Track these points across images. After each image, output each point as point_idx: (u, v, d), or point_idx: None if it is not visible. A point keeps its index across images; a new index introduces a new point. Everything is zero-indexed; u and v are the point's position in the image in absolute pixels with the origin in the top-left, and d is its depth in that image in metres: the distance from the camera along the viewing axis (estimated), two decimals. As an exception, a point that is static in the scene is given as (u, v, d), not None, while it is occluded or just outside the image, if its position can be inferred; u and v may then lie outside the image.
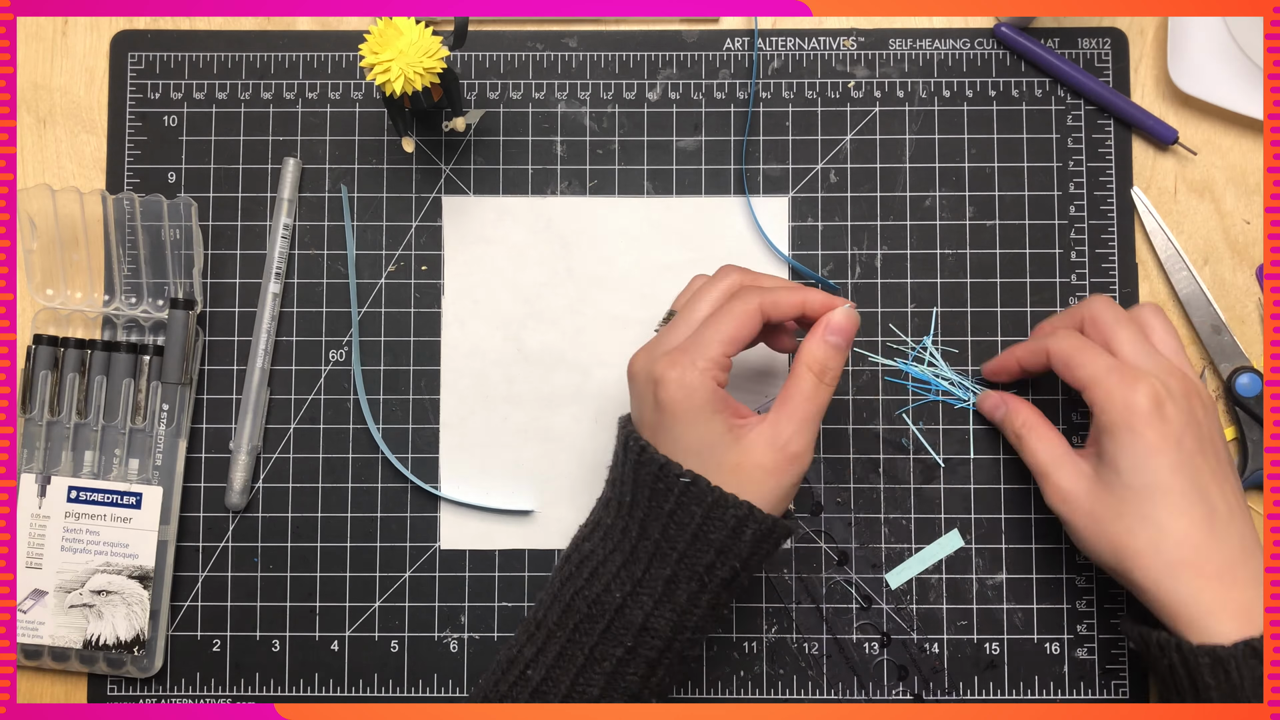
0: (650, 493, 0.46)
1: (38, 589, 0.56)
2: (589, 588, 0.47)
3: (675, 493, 0.45)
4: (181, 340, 0.56)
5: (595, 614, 0.46)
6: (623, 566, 0.46)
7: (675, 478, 0.45)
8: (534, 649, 0.47)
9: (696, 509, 0.45)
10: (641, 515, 0.46)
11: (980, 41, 0.59)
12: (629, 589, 0.46)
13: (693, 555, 0.45)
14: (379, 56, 0.50)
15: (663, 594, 0.46)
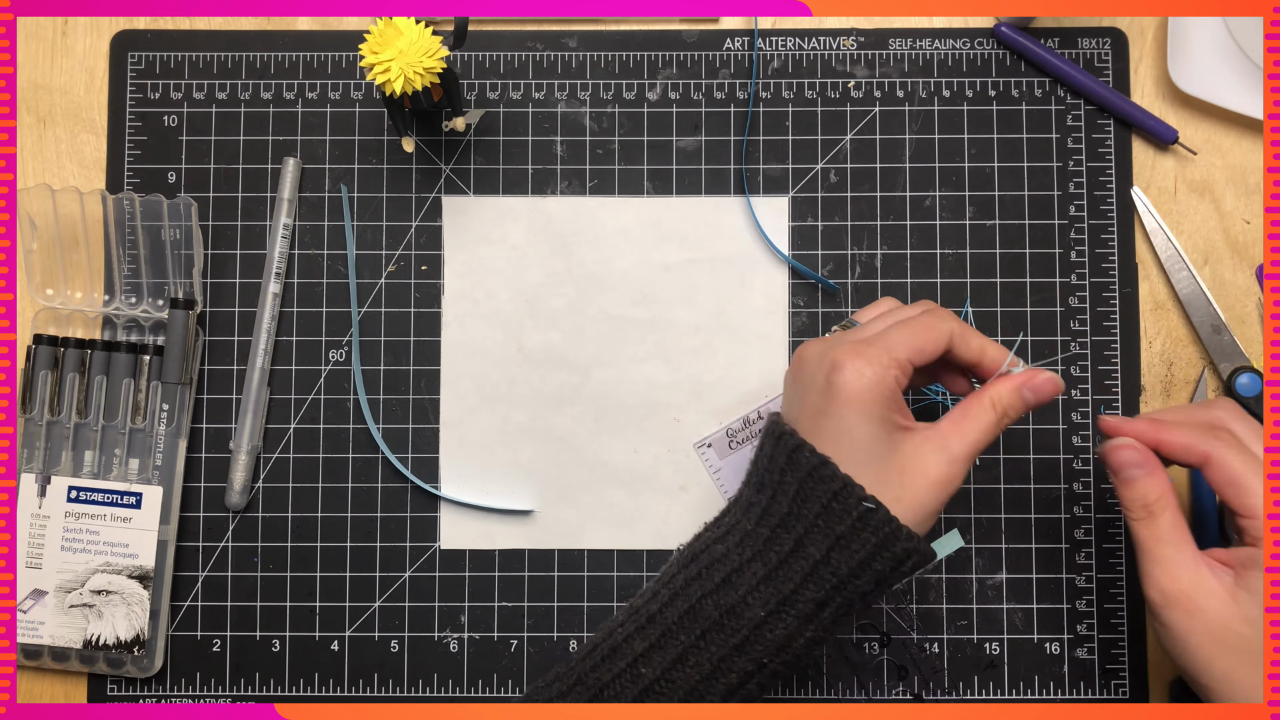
0: (820, 510, 0.43)
1: (38, 589, 0.56)
2: (722, 594, 0.44)
3: (853, 517, 0.43)
4: (181, 340, 0.56)
5: (729, 624, 0.44)
6: (765, 579, 0.44)
7: (857, 501, 0.43)
8: (645, 644, 0.45)
9: (872, 537, 0.43)
10: (801, 531, 0.44)
11: (980, 41, 0.59)
12: (773, 606, 0.44)
13: (852, 584, 0.43)
14: (379, 56, 0.50)
15: (810, 615, 0.44)
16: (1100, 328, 0.58)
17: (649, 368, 0.58)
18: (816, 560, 0.43)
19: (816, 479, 0.44)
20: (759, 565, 0.44)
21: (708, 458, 0.58)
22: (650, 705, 0.45)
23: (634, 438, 0.58)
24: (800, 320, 0.58)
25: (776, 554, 0.44)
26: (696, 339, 0.58)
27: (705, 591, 0.45)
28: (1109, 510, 0.57)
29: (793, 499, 0.44)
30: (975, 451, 0.45)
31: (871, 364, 0.44)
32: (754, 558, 0.44)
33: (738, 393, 0.58)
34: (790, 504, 0.44)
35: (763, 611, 0.44)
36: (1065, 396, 0.58)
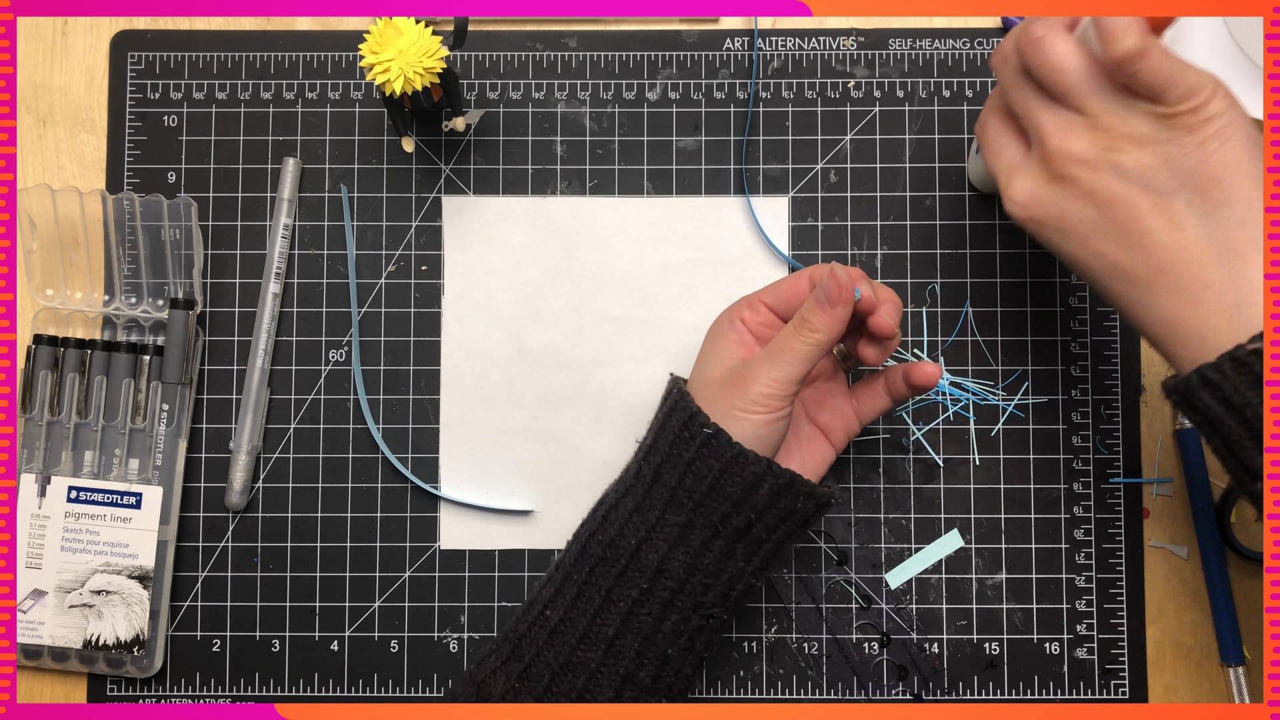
0: (674, 439, 0.47)
1: (38, 589, 0.56)
2: (603, 530, 0.48)
3: (696, 443, 0.46)
4: (181, 340, 0.56)
5: (610, 556, 0.48)
6: (635, 510, 0.48)
7: (700, 428, 0.46)
8: (552, 590, 0.49)
9: (715, 462, 0.46)
10: (659, 460, 0.47)
11: (980, 41, 0.59)
12: (643, 533, 0.47)
13: (709, 505, 0.46)
14: (379, 56, 0.50)
15: (678, 538, 0.47)
16: (1100, 328, 0.58)
17: (649, 368, 0.58)
18: (673, 486, 0.47)
19: (675, 411, 0.48)
20: (630, 499, 0.48)
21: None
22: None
23: (634, 437, 0.58)
24: (800, 320, 0.58)
25: (643, 485, 0.48)
26: (696, 339, 0.58)
27: (591, 530, 0.49)
28: (1109, 510, 0.57)
29: (657, 433, 0.49)
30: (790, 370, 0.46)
31: (729, 308, 0.51)
32: (626, 492, 0.49)
33: (738, 393, 0.58)
34: (655, 437, 0.49)
35: (634, 540, 0.47)
36: (1065, 397, 0.58)
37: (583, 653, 0.47)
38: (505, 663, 0.48)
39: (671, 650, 0.48)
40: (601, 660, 0.47)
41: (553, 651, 0.47)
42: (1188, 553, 0.57)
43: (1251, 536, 0.57)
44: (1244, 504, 0.58)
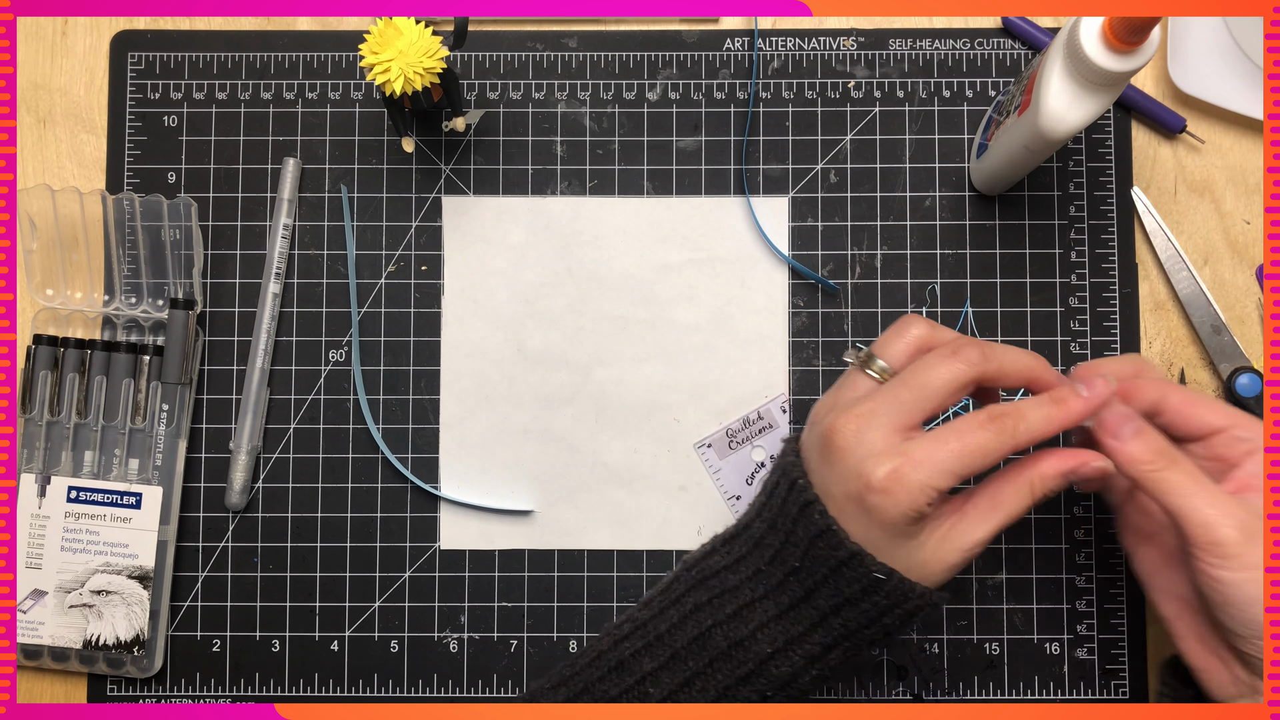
0: (829, 573, 0.43)
1: (38, 589, 0.56)
2: (732, 626, 0.45)
3: (864, 583, 0.43)
4: (181, 340, 0.56)
5: (737, 656, 0.44)
6: (775, 619, 0.44)
7: (867, 570, 0.43)
8: (654, 664, 0.45)
9: (883, 601, 0.43)
10: (812, 585, 0.44)
11: (980, 41, 0.59)
12: (780, 644, 0.44)
13: (861, 634, 0.44)
14: (379, 56, 0.50)
15: (817, 656, 0.44)
16: (1100, 328, 0.58)
17: (649, 368, 0.58)
18: (826, 611, 0.44)
19: (824, 544, 0.43)
20: (770, 604, 0.45)
21: (708, 458, 0.58)
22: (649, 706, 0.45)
23: (634, 438, 0.58)
24: (800, 320, 0.58)
25: (789, 598, 0.44)
26: (696, 339, 0.58)
27: (716, 621, 0.45)
28: (1109, 510, 0.57)
29: (804, 554, 0.44)
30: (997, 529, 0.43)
31: (909, 494, 0.42)
32: (765, 595, 0.45)
33: (738, 393, 0.58)
34: (801, 558, 0.44)
35: (770, 649, 0.44)
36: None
37: None
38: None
39: None
40: None
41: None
42: (1188, 553, 0.57)
43: (1251, 536, 0.57)
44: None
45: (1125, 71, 0.44)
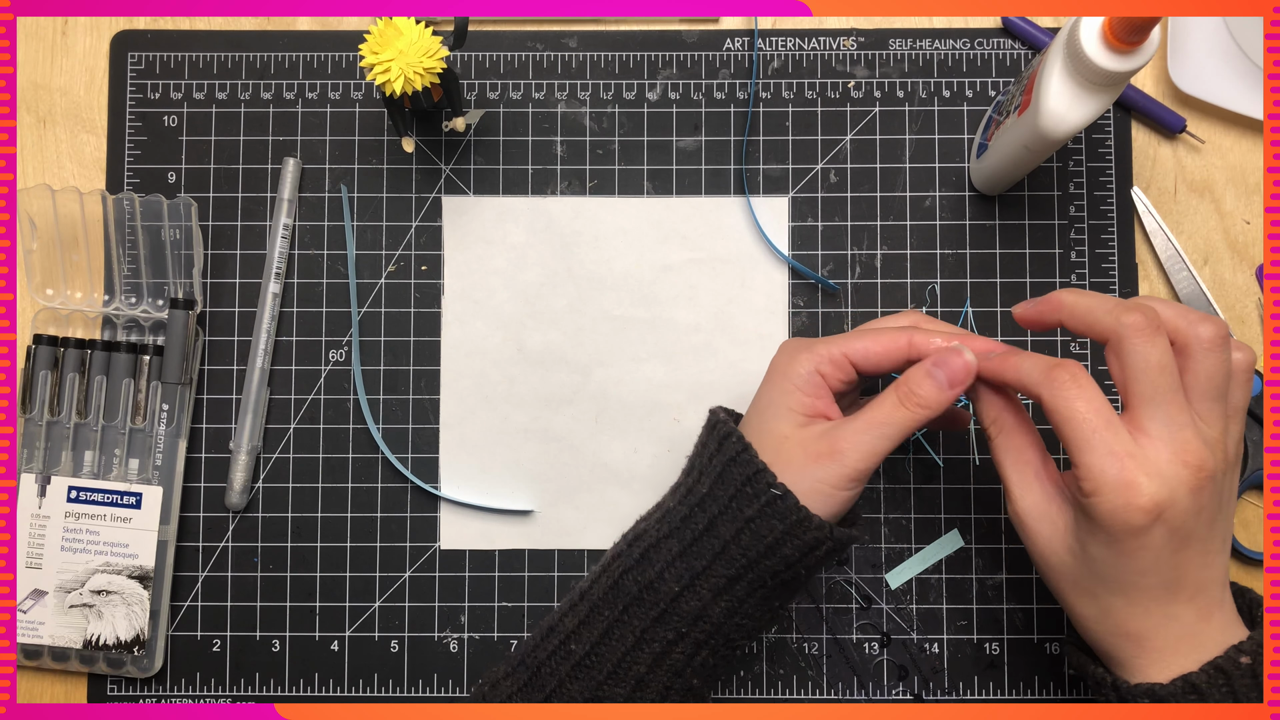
0: (735, 492, 0.45)
1: (38, 589, 0.56)
2: (640, 570, 0.46)
3: (760, 501, 0.44)
4: (181, 340, 0.56)
5: (648, 599, 0.46)
6: (680, 556, 0.46)
7: (765, 486, 0.44)
8: (575, 620, 0.47)
9: (779, 523, 0.44)
10: (715, 511, 0.45)
11: (980, 41, 0.59)
12: (687, 580, 0.45)
13: (762, 564, 0.45)
14: (379, 56, 0.50)
15: (723, 589, 0.45)
16: (1100, 328, 0.58)
17: (649, 368, 0.58)
18: (727, 540, 0.45)
19: (736, 464, 0.45)
20: (674, 542, 0.46)
21: (708, 458, 0.58)
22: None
23: (634, 438, 0.58)
24: (800, 320, 0.58)
25: (692, 532, 0.46)
26: (696, 339, 0.58)
27: (626, 567, 0.47)
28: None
29: (714, 481, 0.46)
30: (869, 431, 0.45)
31: (802, 350, 0.47)
32: (670, 534, 0.46)
33: (738, 393, 0.58)
34: (711, 485, 0.46)
35: (677, 586, 0.45)
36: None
37: (610, 688, 0.46)
38: (522, 689, 0.47)
39: (697, 680, 0.47)
40: (629, 695, 0.46)
41: (577, 685, 0.46)
42: (1188, 553, 0.57)
43: (1251, 537, 0.57)
44: (1244, 504, 0.58)
45: (1125, 71, 0.44)
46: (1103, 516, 0.41)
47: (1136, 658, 0.44)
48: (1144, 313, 0.42)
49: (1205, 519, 0.42)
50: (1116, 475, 0.41)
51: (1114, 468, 0.41)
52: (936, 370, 0.45)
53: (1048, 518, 0.44)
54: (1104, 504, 0.41)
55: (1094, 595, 0.44)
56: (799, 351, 0.47)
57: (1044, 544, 0.44)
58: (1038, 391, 0.43)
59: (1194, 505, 0.41)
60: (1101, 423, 0.41)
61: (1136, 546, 0.41)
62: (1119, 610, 0.43)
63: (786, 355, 0.48)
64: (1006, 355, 0.46)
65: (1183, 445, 0.41)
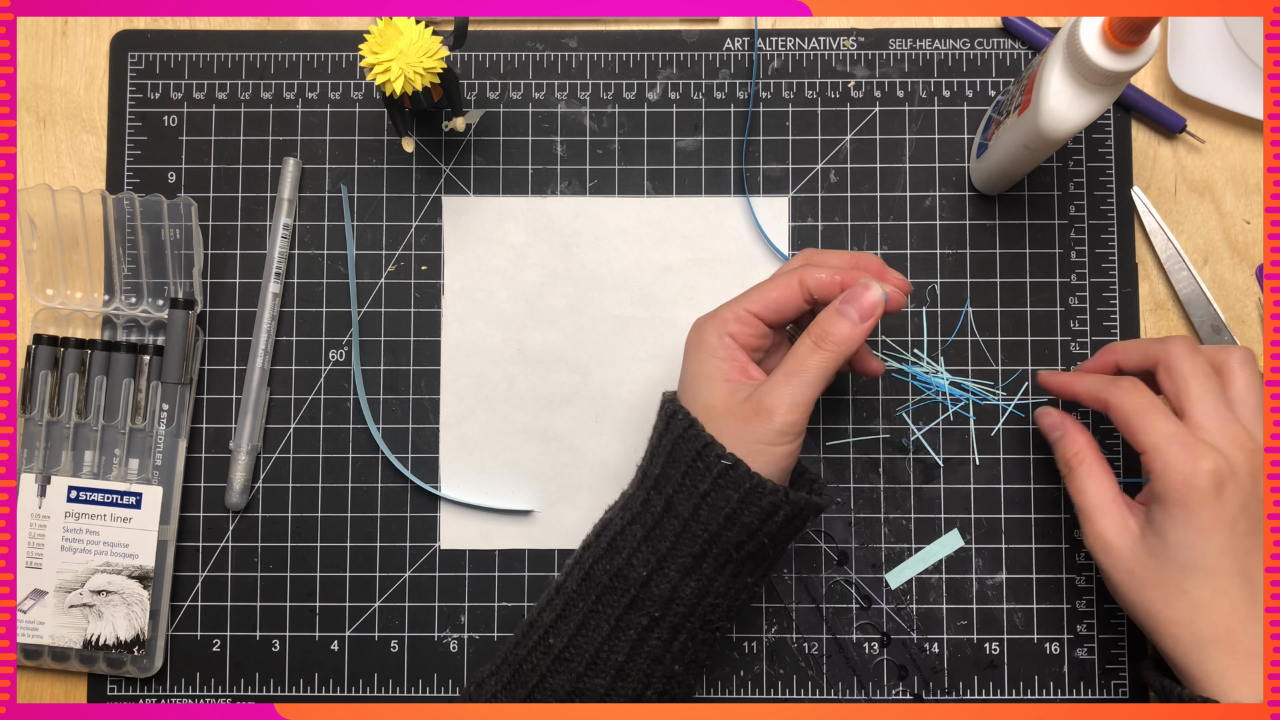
0: (686, 469, 0.46)
1: (38, 589, 0.56)
2: (608, 559, 0.47)
3: (713, 474, 0.45)
4: (181, 340, 0.56)
5: (619, 586, 0.46)
6: (644, 540, 0.46)
7: (716, 458, 0.45)
8: (553, 614, 0.48)
9: (733, 493, 0.45)
10: (670, 491, 0.46)
11: (980, 41, 0.59)
12: (654, 564, 0.46)
13: (724, 536, 0.45)
14: (379, 56, 0.50)
15: (690, 567, 0.46)
16: (1100, 328, 0.58)
17: (649, 368, 0.58)
18: (686, 518, 0.46)
19: (684, 440, 0.46)
20: (638, 527, 0.47)
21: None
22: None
23: (634, 438, 0.58)
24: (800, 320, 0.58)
25: (652, 515, 0.47)
26: (696, 339, 0.58)
27: (596, 557, 0.48)
28: (1109, 510, 0.57)
29: (665, 461, 0.47)
30: (791, 380, 0.46)
31: (713, 320, 0.48)
32: (633, 520, 0.47)
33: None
34: (663, 465, 0.47)
35: (645, 570, 0.46)
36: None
37: (590, 679, 0.46)
38: (506, 686, 0.48)
39: (678, 666, 0.47)
40: (610, 685, 0.46)
41: (558, 679, 0.47)
42: (1188, 553, 0.57)
43: (1252, 536, 0.57)
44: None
45: (1125, 71, 0.44)
46: (1173, 488, 0.45)
47: (1229, 668, 0.44)
48: (1184, 338, 0.49)
49: (1257, 515, 0.45)
50: (1180, 446, 0.45)
51: (1177, 441, 0.45)
52: (846, 307, 0.46)
53: (1125, 528, 0.47)
54: (1172, 473, 0.45)
55: (1182, 591, 0.45)
56: (707, 322, 0.48)
57: (1126, 554, 0.47)
58: (1104, 397, 0.48)
59: (1253, 485, 0.45)
60: (1162, 412, 0.46)
61: (1211, 519, 0.44)
62: (1207, 604, 0.45)
63: (696, 329, 0.49)
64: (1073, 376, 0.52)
65: (1235, 434, 0.46)
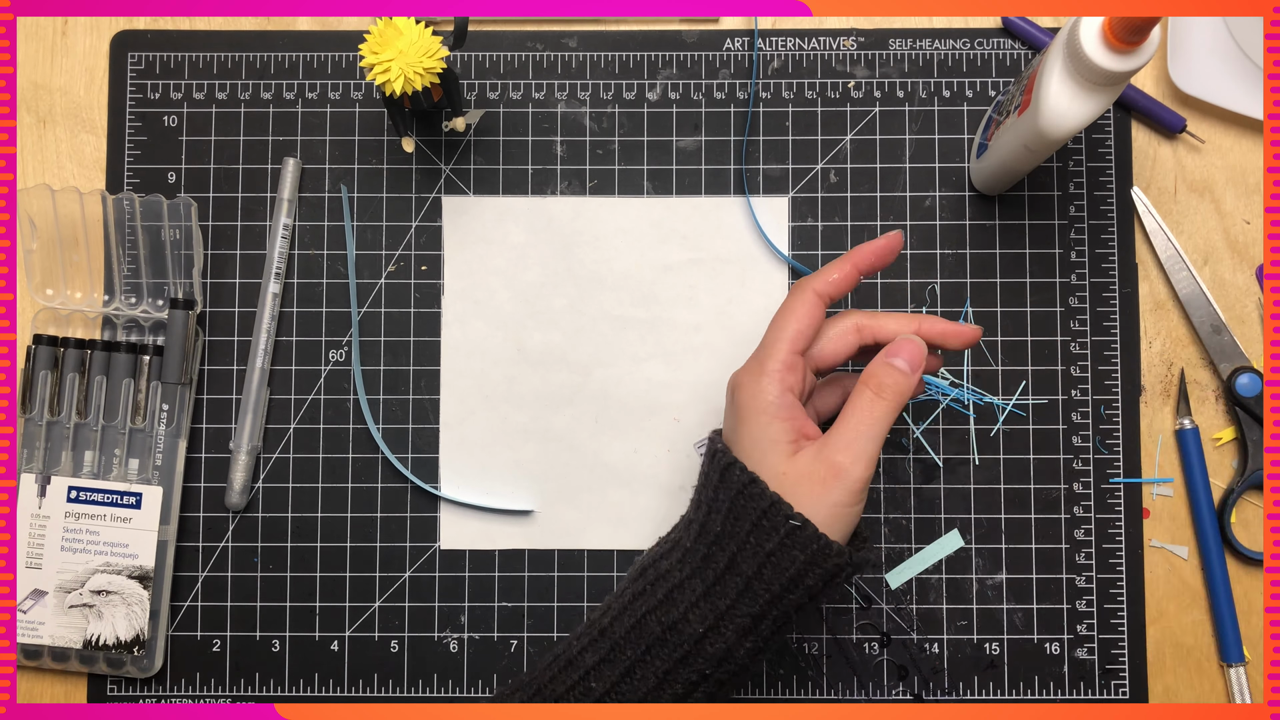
0: (751, 527, 0.44)
1: (38, 589, 0.56)
2: (664, 611, 0.46)
3: (780, 534, 0.44)
4: (181, 340, 0.56)
5: (671, 640, 0.45)
6: (704, 596, 0.45)
7: (784, 518, 0.44)
8: (596, 657, 0.46)
9: (800, 554, 0.44)
10: (734, 548, 0.45)
11: (980, 41, 0.59)
12: (711, 621, 0.45)
13: (786, 598, 0.45)
14: (379, 56, 0.50)
15: (749, 628, 0.45)
16: (1100, 328, 0.58)
17: (649, 368, 0.58)
18: (749, 577, 0.44)
19: (746, 497, 0.45)
20: (698, 582, 0.46)
21: (708, 458, 0.58)
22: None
23: (634, 438, 0.58)
24: (800, 320, 0.58)
25: (713, 571, 0.45)
26: (696, 339, 0.58)
27: (650, 607, 0.46)
28: (1109, 510, 0.57)
29: (725, 516, 0.45)
30: (860, 437, 0.45)
31: (758, 375, 0.47)
32: (693, 574, 0.46)
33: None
34: (724, 521, 0.45)
35: (701, 628, 0.45)
36: (1065, 397, 0.58)
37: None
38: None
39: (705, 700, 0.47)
40: None
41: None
42: (1188, 553, 0.57)
43: (1252, 537, 0.57)
44: (1244, 504, 0.58)
45: (1125, 71, 0.44)
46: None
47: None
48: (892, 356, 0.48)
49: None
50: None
51: None
52: (896, 359, 0.46)
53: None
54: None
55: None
56: (759, 378, 0.47)
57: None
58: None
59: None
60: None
61: None
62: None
63: (749, 388, 0.47)
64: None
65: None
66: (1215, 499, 0.57)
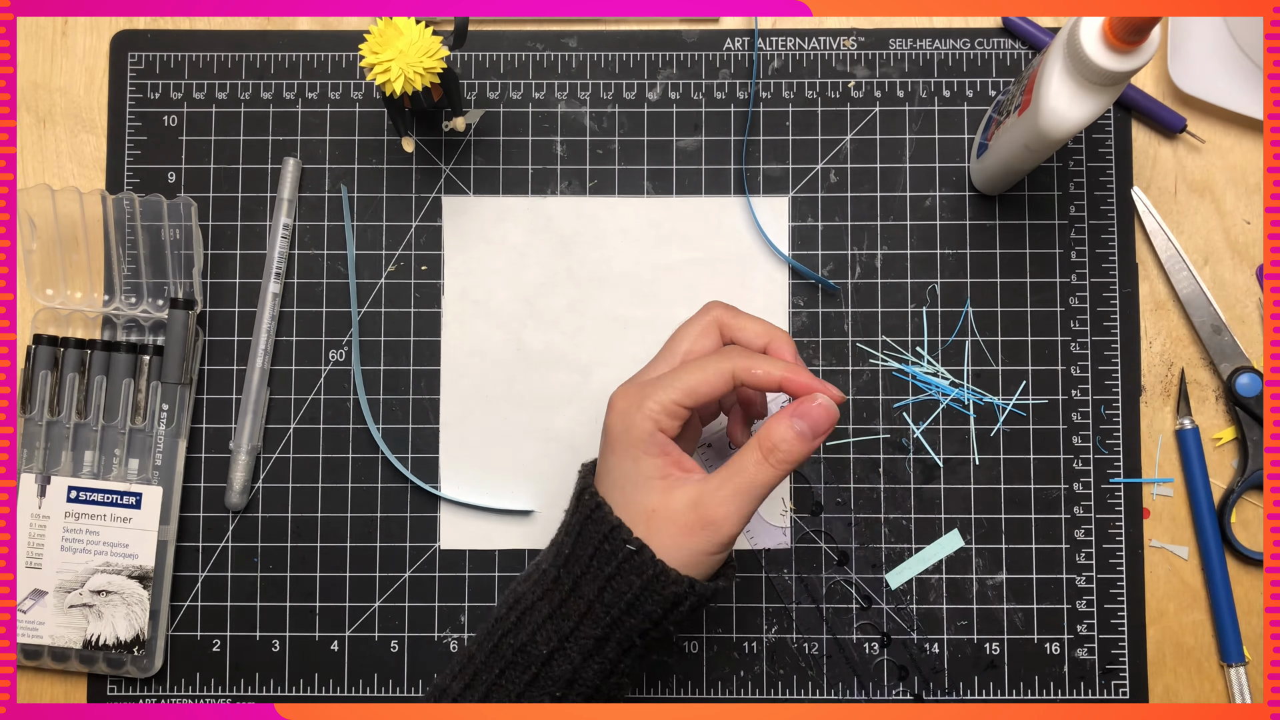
0: (594, 551, 0.45)
1: (38, 589, 0.56)
2: (515, 634, 0.46)
3: (618, 558, 0.44)
4: (181, 340, 0.56)
5: (521, 662, 0.45)
6: (549, 618, 0.45)
7: (621, 543, 0.44)
8: (462, 684, 0.47)
9: (636, 579, 0.44)
10: (579, 571, 0.45)
11: (980, 41, 0.59)
12: (556, 643, 0.45)
13: (626, 622, 0.44)
14: (379, 56, 0.50)
15: (592, 650, 0.45)
16: (1100, 328, 0.58)
17: (649, 368, 0.58)
18: (590, 600, 0.45)
19: (593, 521, 0.45)
20: (545, 605, 0.46)
21: (707, 458, 0.58)
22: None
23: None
24: (800, 320, 0.58)
25: (559, 593, 0.46)
26: (696, 339, 0.58)
27: (504, 630, 0.46)
28: (1109, 510, 0.57)
29: (575, 540, 0.46)
30: (740, 495, 0.44)
31: (635, 407, 0.45)
32: (542, 597, 0.46)
33: (738, 393, 0.58)
34: (574, 545, 0.46)
35: (546, 649, 0.45)
36: (1066, 397, 0.58)
37: None
38: None
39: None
40: None
41: None
42: (1188, 553, 0.57)
43: (1252, 537, 0.57)
44: (1244, 504, 0.58)
45: (1125, 71, 0.44)
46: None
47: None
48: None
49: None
50: None
51: None
52: (799, 422, 0.45)
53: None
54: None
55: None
56: (632, 413, 0.45)
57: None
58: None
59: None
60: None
61: None
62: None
63: (620, 420, 0.46)
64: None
65: None
66: (1215, 499, 0.57)
